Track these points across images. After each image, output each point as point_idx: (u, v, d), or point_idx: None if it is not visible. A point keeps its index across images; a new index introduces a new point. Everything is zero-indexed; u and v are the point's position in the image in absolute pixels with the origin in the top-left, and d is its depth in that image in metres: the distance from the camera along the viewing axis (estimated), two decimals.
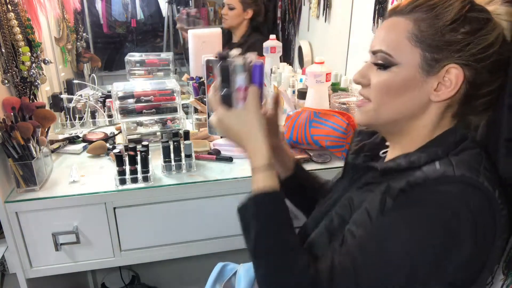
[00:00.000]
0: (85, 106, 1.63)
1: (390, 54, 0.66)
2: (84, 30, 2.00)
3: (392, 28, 0.67)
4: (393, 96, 0.68)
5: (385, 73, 0.67)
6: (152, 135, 1.47)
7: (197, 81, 1.67)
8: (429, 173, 0.62)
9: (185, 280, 1.86)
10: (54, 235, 1.14)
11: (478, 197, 0.60)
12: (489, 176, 0.62)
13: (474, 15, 0.63)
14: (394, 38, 0.66)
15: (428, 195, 0.61)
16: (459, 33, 0.63)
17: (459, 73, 0.64)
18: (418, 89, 0.66)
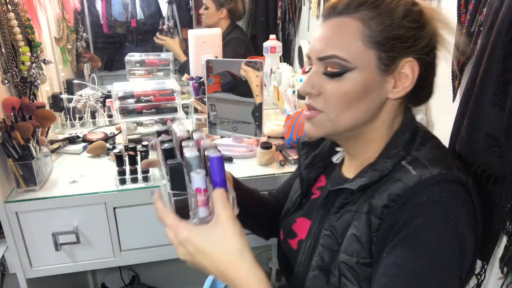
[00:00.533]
0: (85, 106, 1.63)
1: (346, 59, 0.62)
2: (84, 30, 2.00)
3: (340, 30, 0.63)
4: (353, 103, 0.64)
5: (340, 80, 0.63)
6: (152, 135, 1.47)
7: (197, 81, 1.67)
8: (406, 181, 0.61)
9: (185, 280, 1.86)
10: (54, 235, 1.14)
11: (461, 191, 0.60)
12: (459, 165, 0.63)
13: (420, 9, 0.63)
14: (347, 41, 0.62)
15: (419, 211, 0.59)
16: (409, 28, 0.62)
17: (414, 67, 0.63)
18: (378, 90, 0.65)
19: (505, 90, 0.74)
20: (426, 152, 0.65)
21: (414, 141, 0.67)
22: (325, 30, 0.65)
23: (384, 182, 0.64)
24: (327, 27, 0.65)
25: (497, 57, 0.74)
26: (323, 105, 0.66)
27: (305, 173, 0.83)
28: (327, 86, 0.64)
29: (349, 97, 0.64)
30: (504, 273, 0.87)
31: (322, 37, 0.65)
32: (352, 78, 0.63)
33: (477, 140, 0.79)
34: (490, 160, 0.78)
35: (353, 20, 0.62)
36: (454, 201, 0.59)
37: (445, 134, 1.13)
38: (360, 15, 0.62)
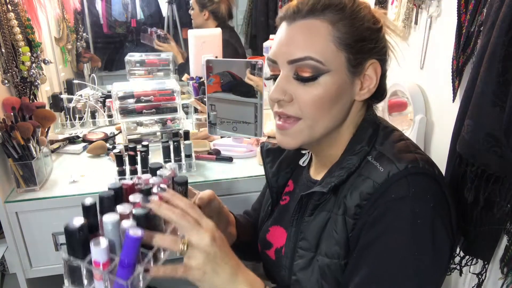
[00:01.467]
0: (85, 106, 1.63)
1: (321, 61, 0.60)
2: (84, 30, 1.99)
3: (311, 32, 0.61)
4: (328, 107, 0.63)
5: (314, 84, 0.61)
6: (152, 135, 1.47)
7: (197, 81, 1.67)
8: (375, 178, 0.61)
9: (185, 280, 1.86)
10: (54, 235, 1.14)
11: (428, 183, 0.61)
12: (423, 157, 0.63)
13: (373, 13, 0.66)
14: (320, 43, 0.61)
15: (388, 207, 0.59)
16: (372, 30, 0.64)
17: (377, 68, 0.64)
18: (348, 93, 0.64)
19: (505, 90, 0.74)
20: (390, 146, 0.65)
21: (377, 136, 0.68)
22: (292, 33, 0.62)
23: (354, 179, 0.65)
24: (295, 30, 0.62)
25: (497, 57, 0.74)
26: (300, 112, 0.63)
27: (273, 181, 0.82)
28: (300, 91, 0.62)
29: (324, 101, 0.62)
30: (504, 273, 0.87)
31: (290, 39, 0.62)
32: (326, 82, 0.61)
33: (477, 140, 0.79)
34: (490, 160, 0.79)
35: (322, 22, 0.61)
36: (422, 195, 0.59)
37: (445, 134, 1.13)
38: (328, 17, 0.61)
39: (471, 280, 1.03)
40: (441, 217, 0.60)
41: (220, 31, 1.85)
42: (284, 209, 0.81)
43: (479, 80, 0.78)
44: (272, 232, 0.81)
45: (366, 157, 0.65)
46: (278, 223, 0.81)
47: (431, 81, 1.20)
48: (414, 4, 1.23)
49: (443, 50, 1.11)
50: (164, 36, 2.11)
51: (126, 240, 0.50)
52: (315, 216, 0.69)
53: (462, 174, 0.90)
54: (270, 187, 0.83)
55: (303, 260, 0.69)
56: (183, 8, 2.35)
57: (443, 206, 0.62)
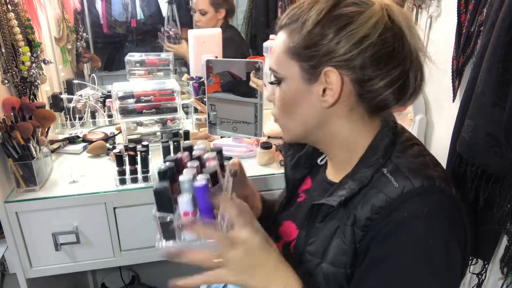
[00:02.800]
0: (85, 106, 1.63)
1: (276, 70, 0.66)
2: (84, 30, 1.99)
3: (275, 44, 0.67)
4: (290, 111, 0.68)
5: (278, 89, 0.68)
6: (152, 135, 1.47)
7: (197, 81, 1.67)
8: (388, 193, 0.60)
9: None
10: (54, 235, 1.14)
11: (443, 203, 0.60)
12: (440, 175, 0.62)
13: (338, 12, 0.60)
14: (276, 54, 0.66)
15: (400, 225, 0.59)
16: (324, 35, 0.60)
17: (335, 75, 0.61)
18: (307, 99, 0.65)
19: (505, 90, 0.74)
20: (407, 161, 0.64)
21: (394, 147, 0.66)
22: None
23: (366, 191, 0.64)
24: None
25: (497, 57, 0.74)
26: (274, 112, 0.71)
27: (291, 173, 0.84)
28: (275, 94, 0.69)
29: (285, 104, 0.68)
30: (505, 273, 0.87)
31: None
32: (284, 88, 0.67)
33: (477, 140, 0.79)
34: (490, 160, 0.79)
35: (283, 33, 0.65)
36: (437, 215, 0.58)
37: (445, 134, 1.13)
38: (287, 28, 0.65)
39: (471, 280, 1.03)
40: (456, 237, 0.60)
41: (220, 31, 1.85)
42: (300, 206, 0.82)
43: (479, 80, 0.78)
44: (285, 226, 0.82)
45: (380, 169, 0.64)
46: (292, 219, 0.81)
47: (431, 81, 1.20)
48: (414, 4, 1.23)
49: (443, 50, 1.11)
50: (174, 36, 2.10)
51: (195, 191, 0.61)
52: (325, 223, 0.69)
53: (462, 174, 0.90)
54: (287, 179, 0.85)
55: (309, 265, 0.70)
56: (183, 8, 2.35)
57: (458, 226, 0.61)
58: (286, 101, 0.67)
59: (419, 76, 0.66)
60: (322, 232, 0.69)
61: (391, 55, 0.61)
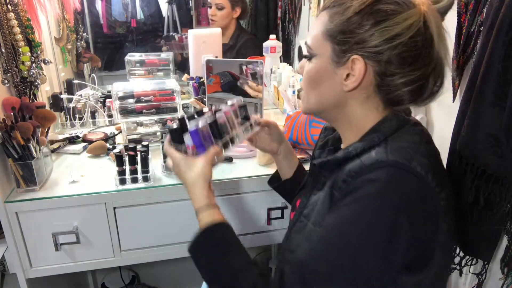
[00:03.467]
0: (85, 106, 1.63)
1: (310, 46, 0.73)
2: (84, 30, 1.99)
3: (316, 23, 0.72)
4: (313, 85, 0.74)
5: (309, 63, 0.74)
6: (152, 135, 1.47)
7: (197, 81, 1.67)
8: (365, 160, 0.65)
9: (185, 280, 1.86)
10: (54, 235, 1.14)
11: (409, 181, 0.62)
12: (422, 161, 0.64)
13: (379, 7, 0.64)
14: (314, 33, 0.72)
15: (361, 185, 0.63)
16: (361, 25, 0.65)
17: (361, 64, 0.66)
18: (331, 79, 0.71)
19: (505, 90, 0.74)
20: (398, 145, 0.67)
21: (395, 134, 0.69)
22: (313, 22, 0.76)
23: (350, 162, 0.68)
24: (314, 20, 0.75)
25: (497, 57, 0.74)
26: (302, 84, 0.78)
27: (317, 153, 0.89)
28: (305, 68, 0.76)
29: (310, 79, 0.74)
30: (505, 274, 0.87)
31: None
32: (313, 64, 0.73)
33: (477, 140, 0.79)
34: (490, 160, 0.79)
35: (325, 14, 0.70)
36: (397, 188, 0.61)
37: (445, 134, 1.13)
38: (330, 10, 0.69)
39: (471, 280, 1.03)
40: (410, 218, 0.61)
41: (220, 31, 1.85)
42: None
43: (479, 80, 0.78)
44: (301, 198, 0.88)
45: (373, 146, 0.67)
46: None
47: None
48: None
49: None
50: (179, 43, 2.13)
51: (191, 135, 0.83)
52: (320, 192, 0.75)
53: (462, 174, 0.90)
54: (312, 157, 0.90)
55: (299, 225, 0.77)
56: (183, 8, 2.35)
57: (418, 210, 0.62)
58: (312, 76, 0.73)
59: (438, 82, 0.70)
60: (314, 197, 0.76)
61: (416, 58, 0.65)
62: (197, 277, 1.17)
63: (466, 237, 0.94)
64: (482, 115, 0.78)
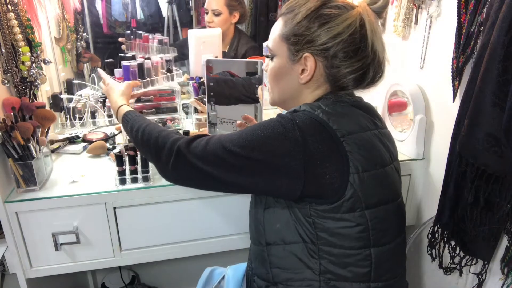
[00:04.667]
0: (85, 106, 1.63)
1: (270, 48, 0.87)
2: (84, 30, 1.99)
3: (274, 28, 0.86)
4: (276, 81, 0.88)
5: (271, 62, 0.87)
6: None
7: (197, 81, 1.67)
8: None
9: (185, 280, 1.86)
10: (54, 235, 1.14)
11: (307, 119, 0.75)
12: (328, 111, 0.77)
13: (322, 12, 0.78)
14: (273, 36, 0.86)
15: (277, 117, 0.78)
16: (308, 28, 0.78)
17: (311, 60, 0.80)
18: (289, 75, 0.84)
19: (505, 90, 0.74)
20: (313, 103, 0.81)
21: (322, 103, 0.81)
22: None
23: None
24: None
25: (497, 57, 0.74)
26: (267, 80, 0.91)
27: None
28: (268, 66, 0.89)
29: (273, 75, 0.88)
30: (505, 274, 0.87)
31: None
32: (274, 62, 0.86)
33: (477, 140, 0.79)
34: (490, 160, 0.79)
35: (281, 20, 0.84)
36: (295, 123, 0.74)
37: (445, 134, 1.13)
38: (284, 17, 0.83)
39: (471, 280, 1.03)
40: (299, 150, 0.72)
41: (220, 31, 1.85)
42: None
43: (479, 80, 0.78)
44: None
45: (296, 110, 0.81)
46: None
47: (431, 81, 1.20)
48: (414, 4, 1.23)
49: (443, 50, 1.11)
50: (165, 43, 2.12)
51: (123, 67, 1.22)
52: None
53: (462, 174, 0.90)
54: None
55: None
56: (183, 8, 2.35)
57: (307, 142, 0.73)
58: (275, 73, 0.87)
59: (379, 73, 0.83)
60: None
61: (356, 51, 0.78)
62: (196, 277, 1.17)
63: (466, 237, 0.94)
64: (482, 115, 0.78)
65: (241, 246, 1.30)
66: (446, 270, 1.08)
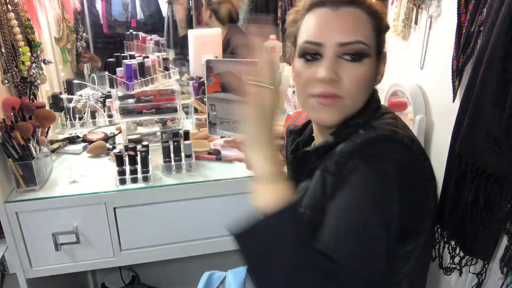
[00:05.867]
0: (85, 106, 1.63)
1: (368, 44, 0.68)
2: (84, 30, 1.99)
3: (358, 20, 0.68)
4: (365, 87, 0.70)
5: (360, 65, 0.67)
6: (152, 135, 1.47)
7: (197, 81, 1.67)
8: (354, 139, 0.67)
9: (185, 280, 1.86)
10: (54, 235, 1.14)
11: (399, 150, 0.65)
12: (406, 133, 0.67)
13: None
14: (366, 29, 0.68)
15: (359, 161, 0.64)
16: (386, 24, 0.73)
17: (386, 56, 0.74)
18: (374, 75, 0.72)
19: (505, 90, 0.74)
20: (381, 122, 0.70)
21: (376, 114, 0.73)
22: (340, 18, 0.68)
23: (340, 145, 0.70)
24: (342, 16, 0.68)
25: (497, 57, 0.74)
26: (344, 92, 0.68)
27: (290, 158, 0.88)
28: (347, 72, 0.67)
29: (365, 81, 0.69)
30: (505, 273, 0.87)
31: (340, 24, 0.67)
32: (368, 64, 0.68)
33: (477, 140, 0.79)
34: (490, 160, 0.79)
35: (361, 12, 0.68)
36: (387, 157, 0.63)
37: (445, 134, 1.13)
38: (364, 8, 0.69)
39: (471, 280, 1.03)
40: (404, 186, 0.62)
41: (220, 31, 1.85)
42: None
43: (479, 80, 0.78)
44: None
45: (358, 129, 0.69)
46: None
47: (431, 81, 1.20)
48: (414, 4, 1.23)
49: (443, 50, 1.11)
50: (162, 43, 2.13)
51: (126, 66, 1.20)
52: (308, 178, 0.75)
53: (462, 174, 0.90)
54: (287, 163, 0.90)
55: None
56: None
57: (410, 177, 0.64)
58: (367, 77, 0.69)
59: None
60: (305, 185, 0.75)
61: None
62: (196, 277, 1.17)
63: (466, 237, 0.93)
64: (482, 115, 0.78)
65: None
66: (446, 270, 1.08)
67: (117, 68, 1.34)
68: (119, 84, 1.34)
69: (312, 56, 0.69)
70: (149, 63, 1.38)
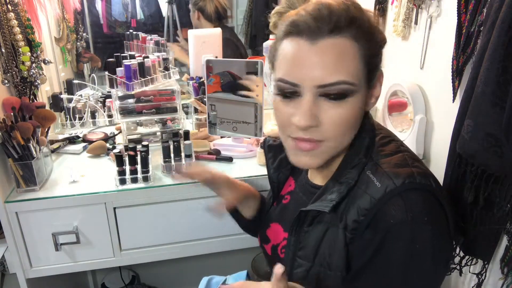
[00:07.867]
0: (85, 106, 1.63)
1: (354, 83, 0.58)
2: (84, 30, 1.99)
3: (341, 53, 0.57)
4: (352, 126, 0.63)
5: (343, 104, 0.59)
6: (152, 135, 1.47)
7: (197, 81, 1.67)
8: (372, 193, 0.61)
9: (185, 280, 1.86)
10: (54, 235, 1.14)
11: (424, 200, 0.60)
12: (419, 170, 0.62)
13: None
14: (352, 65, 0.58)
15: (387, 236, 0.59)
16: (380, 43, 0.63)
17: (381, 76, 0.66)
18: (364, 106, 0.64)
19: (505, 90, 0.74)
20: (386, 159, 0.65)
21: (373, 145, 0.67)
22: (319, 55, 0.57)
23: (353, 194, 0.65)
24: (321, 51, 0.57)
25: (497, 57, 0.74)
26: (324, 135, 0.61)
27: (274, 176, 0.85)
28: (327, 113, 0.59)
29: (351, 120, 0.61)
30: (505, 274, 0.87)
31: (318, 63, 0.57)
32: (354, 101, 0.60)
33: (477, 140, 0.79)
34: (490, 160, 0.79)
35: (347, 40, 0.58)
36: (421, 219, 0.58)
37: (445, 134, 1.13)
38: (351, 33, 0.58)
39: (471, 280, 1.03)
40: (440, 234, 0.60)
41: (220, 31, 1.85)
42: (285, 208, 0.83)
43: (479, 80, 0.78)
44: (272, 229, 0.84)
45: (364, 169, 0.65)
46: (279, 221, 0.83)
47: (431, 81, 1.20)
48: (414, 4, 1.23)
49: (443, 50, 1.11)
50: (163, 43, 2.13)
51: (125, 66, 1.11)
52: (313, 226, 0.70)
53: (462, 174, 0.90)
54: (271, 182, 0.86)
55: (301, 269, 0.71)
56: (183, 8, 2.35)
57: (442, 222, 0.61)
58: (353, 116, 0.61)
59: None
60: (311, 236, 0.70)
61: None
62: (196, 277, 1.17)
63: (466, 237, 0.93)
64: (482, 115, 0.78)
65: (241, 246, 1.30)
66: None
67: (117, 68, 1.33)
68: (119, 84, 1.35)
69: (290, 93, 0.61)
70: (149, 63, 1.38)
